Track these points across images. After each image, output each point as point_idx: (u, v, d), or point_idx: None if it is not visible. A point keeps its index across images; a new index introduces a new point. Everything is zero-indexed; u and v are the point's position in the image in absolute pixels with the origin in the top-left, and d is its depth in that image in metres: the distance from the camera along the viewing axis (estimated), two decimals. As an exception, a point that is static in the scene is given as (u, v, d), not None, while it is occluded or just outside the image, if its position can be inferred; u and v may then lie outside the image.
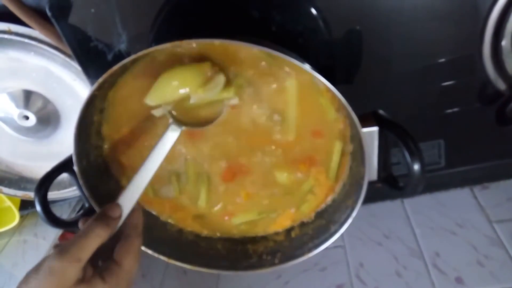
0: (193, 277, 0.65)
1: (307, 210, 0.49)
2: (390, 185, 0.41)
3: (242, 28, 0.46)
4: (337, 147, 0.44)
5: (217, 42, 0.34)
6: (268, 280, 0.62)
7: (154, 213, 0.50)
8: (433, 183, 0.63)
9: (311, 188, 0.48)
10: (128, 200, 0.37)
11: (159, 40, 0.36)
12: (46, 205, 0.42)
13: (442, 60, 0.49)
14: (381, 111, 0.39)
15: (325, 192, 0.48)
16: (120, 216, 0.36)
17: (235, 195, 0.49)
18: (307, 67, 0.35)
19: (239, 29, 0.46)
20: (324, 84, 0.34)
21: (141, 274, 0.69)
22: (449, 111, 0.53)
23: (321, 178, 0.47)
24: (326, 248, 0.44)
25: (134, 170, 0.38)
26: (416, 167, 0.35)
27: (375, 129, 0.38)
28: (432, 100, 0.53)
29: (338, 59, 0.50)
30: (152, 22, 0.46)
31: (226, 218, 0.50)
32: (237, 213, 0.50)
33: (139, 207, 0.38)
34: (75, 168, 0.42)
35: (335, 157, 0.45)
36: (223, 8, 0.46)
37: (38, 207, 0.42)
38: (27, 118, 0.63)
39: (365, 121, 0.37)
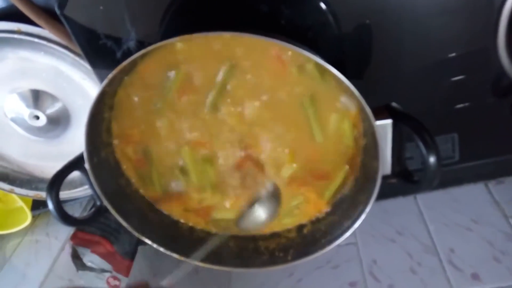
0: (205, 275, 0.65)
1: (289, 223, 0.49)
2: (404, 180, 0.40)
3: (251, 23, 0.46)
4: (344, 170, 0.44)
5: (226, 35, 0.34)
6: (280, 278, 0.61)
7: (164, 212, 0.50)
8: (446, 178, 0.62)
9: (298, 204, 0.47)
10: None
11: (168, 36, 0.36)
12: (58, 203, 0.42)
13: (456, 53, 0.49)
14: (394, 104, 0.39)
15: (312, 209, 0.47)
16: None
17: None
18: (319, 59, 0.34)
19: (248, 24, 0.46)
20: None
21: (153, 273, 0.69)
22: (463, 104, 0.53)
23: (312, 196, 0.46)
24: (339, 245, 0.44)
25: (144, 166, 0.38)
26: (432, 160, 0.34)
27: (388, 121, 0.37)
28: (445, 94, 0.52)
29: (348, 53, 0.49)
30: (160, 19, 0.45)
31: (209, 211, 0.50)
32: (219, 208, 0.49)
33: None
34: (86, 165, 0.42)
35: (337, 180, 0.45)
36: (232, 4, 0.45)
37: (50, 206, 0.42)
38: (37, 118, 0.63)
39: (379, 114, 0.37)
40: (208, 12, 0.46)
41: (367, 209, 0.41)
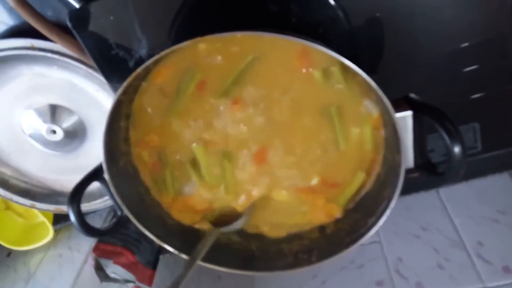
0: (227, 281, 0.65)
1: (297, 229, 0.48)
2: (428, 172, 0.39)
3: (262, 23, 0.46)
4: (360, 177, 0.44)
5: (239, 34, 0.34)
6: (304, 280, 0.61)
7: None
8: (469, 169, 0.60)
9: (305, 212, 0.47)
10: None
11: (179, 41, 0.36)
12: (80, 215, 0.42)
13: (471, 42, 0.47)
14: (413, 95, 0.38)
15: (322, 217, 0.47)
16: None
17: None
18: (334, 54, 0.34)
19: (259, 25, 0.46)
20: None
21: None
22: (482, 93, 0.51)
23: (319, 203, 0.46)
24: (362, 245, 0.43)
25: (159, 169, 0.38)
26: (457, 149, 0.33)
27: (409, 113, 0.36)
28: (462, 84, 0.51)
29: (360, 48, 0.48)
30: (170, 24, 0.45)
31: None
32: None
33: None
34: (106, 175, 0.42)
35: (354, 186, 0.44)
36: (241, 6, 0.45)
37: (72, 218, 0.42)
38: (54, 132, 0.63)
39: (398, 106, 0.36)
40: (218, 14, 0.46)
41: (392, 204, 0.40)
